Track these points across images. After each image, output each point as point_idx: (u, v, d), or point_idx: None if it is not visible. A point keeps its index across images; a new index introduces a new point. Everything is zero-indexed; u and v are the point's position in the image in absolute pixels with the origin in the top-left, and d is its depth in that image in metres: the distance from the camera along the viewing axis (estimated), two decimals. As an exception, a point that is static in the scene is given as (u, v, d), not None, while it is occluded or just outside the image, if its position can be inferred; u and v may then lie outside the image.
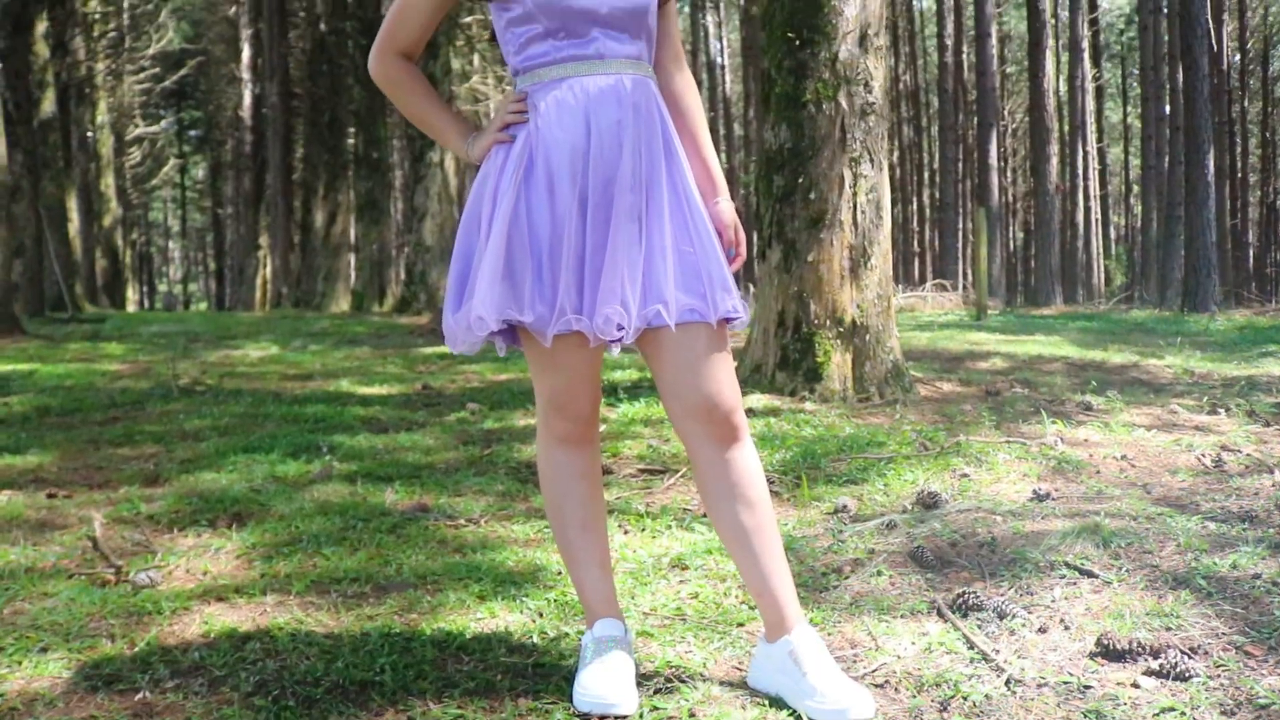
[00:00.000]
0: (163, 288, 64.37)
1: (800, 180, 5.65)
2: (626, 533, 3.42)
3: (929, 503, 3.60)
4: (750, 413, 5.42)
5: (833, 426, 5.06)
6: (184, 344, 10.79)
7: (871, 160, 5.64)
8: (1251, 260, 35.53)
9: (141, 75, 34.67)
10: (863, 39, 5.68)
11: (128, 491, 4.10)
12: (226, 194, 44.56)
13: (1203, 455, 4.37)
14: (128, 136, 35.26)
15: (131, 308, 33.54)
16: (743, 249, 2.27)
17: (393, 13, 2.18)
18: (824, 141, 5.61)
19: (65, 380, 7.53)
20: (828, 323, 5.66)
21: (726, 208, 2.25)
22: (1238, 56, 35.74)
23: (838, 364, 5.67)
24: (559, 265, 2.00)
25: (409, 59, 2.21)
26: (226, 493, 3.99)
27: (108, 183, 28.37)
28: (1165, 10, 25.59)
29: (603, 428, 5.22)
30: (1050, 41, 20.79)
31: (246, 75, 32.57)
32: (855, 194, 5.56)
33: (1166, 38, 25.31)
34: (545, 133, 2.03)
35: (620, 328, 1.99)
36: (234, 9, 35.69)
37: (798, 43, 5.68)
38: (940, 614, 2.58)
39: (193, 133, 49.50)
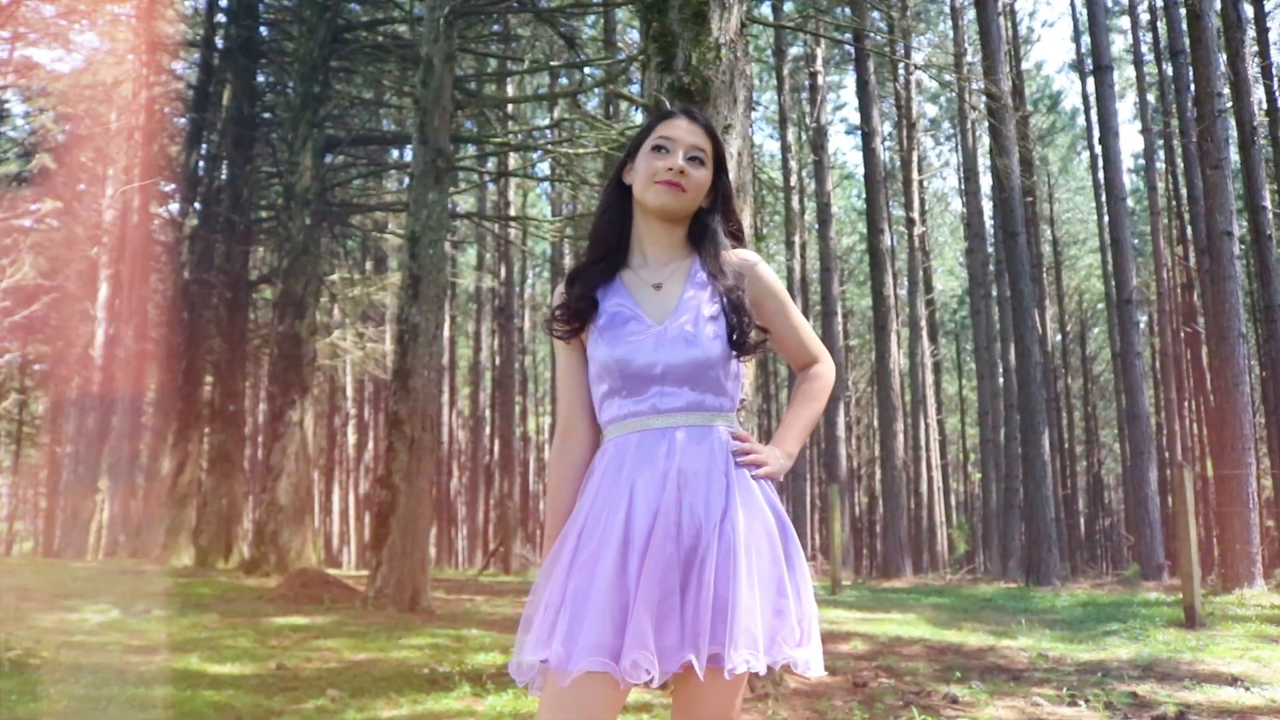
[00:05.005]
0: (-16, 525, 60.50)
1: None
2: None
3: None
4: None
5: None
6: (14, 605, 10.12)
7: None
8: (1083, 526, 37.41)
9: (-11, 309, 33.67)
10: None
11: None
12: (67, 432, 42.91)
13: (1067, 760, 4.46)
14: (-34, 370, 33.94)
15: (-51, 549, 31.36)
16: (759, 462, 2.23)
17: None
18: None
19: (-121, 650, 6.97)
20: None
21: (769, 450, 2.27)
22: (1059, 336, 38.72)
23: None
24: (597, 608, 2.06)
25: (581, 438, 2.35)
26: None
27: (-62, 418, 27.09)
28: (995, 295, 27.67)
29: (473, 723, 5.07)
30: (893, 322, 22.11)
31: (101, 314, 32.05)
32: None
33: (998, 318, 27.20)
34: (600, 490, 2.18)
35: (647, 672, 2.03)
36: (95, 249, 35.45)
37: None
38: None
39: (37, 367, 47.85)
